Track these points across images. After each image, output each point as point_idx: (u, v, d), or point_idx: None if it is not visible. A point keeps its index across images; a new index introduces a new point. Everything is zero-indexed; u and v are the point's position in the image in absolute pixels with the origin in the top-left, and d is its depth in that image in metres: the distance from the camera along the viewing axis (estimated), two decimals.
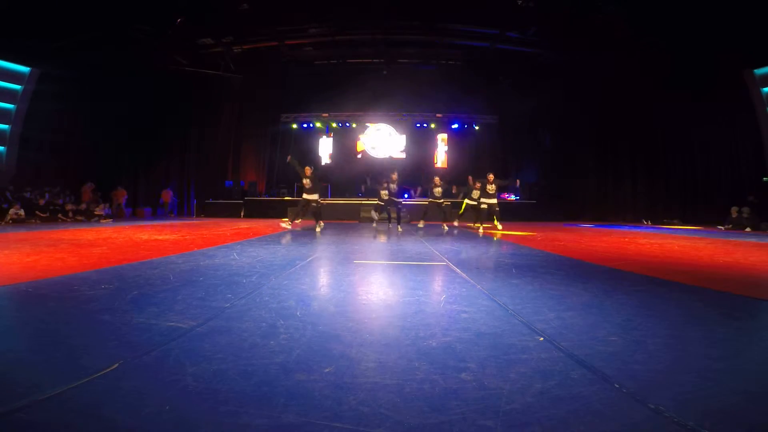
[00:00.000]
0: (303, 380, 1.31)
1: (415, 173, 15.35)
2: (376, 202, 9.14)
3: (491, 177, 8.49)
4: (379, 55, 15.05)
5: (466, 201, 9.16)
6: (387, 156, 17.48)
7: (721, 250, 5.26)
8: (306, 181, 7.75)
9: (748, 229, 9.84)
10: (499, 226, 8.50)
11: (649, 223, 12.81)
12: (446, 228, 8.91)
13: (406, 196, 12.01)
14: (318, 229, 7.81)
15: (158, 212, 15.17)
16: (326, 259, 4.29)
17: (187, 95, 15.42)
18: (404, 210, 9.50)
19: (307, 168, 7.69)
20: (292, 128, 17.38)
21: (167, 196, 15.10)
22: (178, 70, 14.56)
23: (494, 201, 8.47)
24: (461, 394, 1.22)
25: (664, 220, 12.86)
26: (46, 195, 11.33)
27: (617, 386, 1.28)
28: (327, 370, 1.39)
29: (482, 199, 8.55)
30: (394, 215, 9.29)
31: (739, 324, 2.06)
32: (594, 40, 12.19)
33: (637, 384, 1.29)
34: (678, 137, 13.10)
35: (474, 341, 1.70)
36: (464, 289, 2.75)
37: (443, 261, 4.13)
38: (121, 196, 14.14)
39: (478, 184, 8.69)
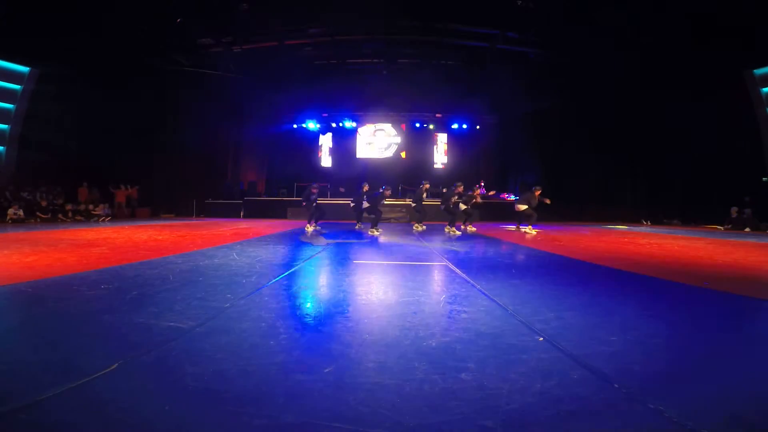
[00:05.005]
0: (303, 380, 1.31)
1: (413, 174, 15.35)
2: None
3: (461, 188, 9.30)
4: (379, 55, 15.02)
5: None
6: (386, 156, 17.48)
7: (721, 250, 5.25)
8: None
9: (747, 229, 9.84)
10: (473, 228, 9.31)
11: (649, 223, 12.80)
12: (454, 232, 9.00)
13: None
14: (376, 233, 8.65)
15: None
16: (326, 259, 4.29)
17: (187, 95, 15.41)
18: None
19: (365, 185, 9.04)
20: (292, 128, 17.38)
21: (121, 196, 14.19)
22: (178, 70, 14.55)
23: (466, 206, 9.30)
24: (461, 394, 1.22)
25: (664, 220, 12.85)
26: (44, 195, 11.32)
27: (617, 386, 1.28)
28: (327, 370, 1.39)
29: (461, 204, 9.30)
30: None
31: (738, 324, 2.06)
32: (593, 40, 12.19)
33: (637, 384, 1.29)
34: (678, 137, 13.09)
35: (474, 341, 1.70)
36: (464, 289, 2.75)
37: (443, 261, 4.13)
38: (122, 195, 14.14)
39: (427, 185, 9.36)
